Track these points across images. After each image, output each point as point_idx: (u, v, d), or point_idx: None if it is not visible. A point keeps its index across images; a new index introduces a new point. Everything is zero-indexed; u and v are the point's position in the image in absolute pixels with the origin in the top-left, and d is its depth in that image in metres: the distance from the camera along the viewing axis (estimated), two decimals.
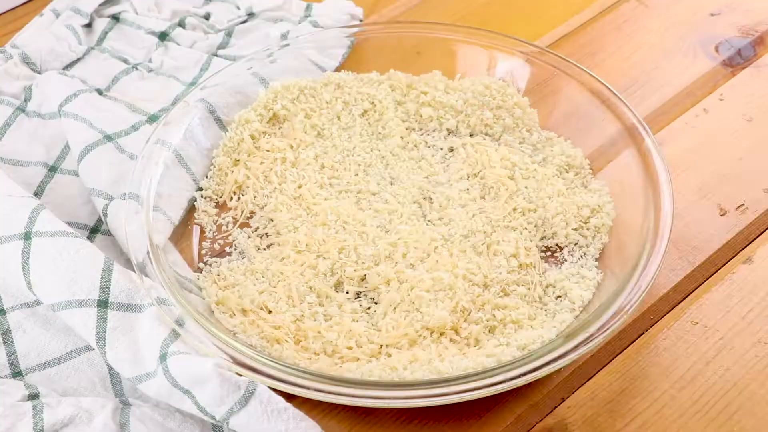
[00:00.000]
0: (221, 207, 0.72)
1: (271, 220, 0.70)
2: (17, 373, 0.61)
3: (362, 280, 0.66)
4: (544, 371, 0.57)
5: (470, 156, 0.73)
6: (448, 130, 0.77)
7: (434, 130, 0.77)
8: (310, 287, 0.65)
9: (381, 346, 0.61)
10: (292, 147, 0.74)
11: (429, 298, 0.63)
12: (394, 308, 0.63)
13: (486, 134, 0.76)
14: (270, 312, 0.63)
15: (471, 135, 0.76)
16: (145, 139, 0.72)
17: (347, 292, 0.65)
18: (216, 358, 0.58)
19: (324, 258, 0.66)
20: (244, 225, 0.70)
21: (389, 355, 0.61)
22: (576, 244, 0.68)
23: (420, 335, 0.62)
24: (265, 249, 0.68)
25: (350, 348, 0.61)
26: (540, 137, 0.75)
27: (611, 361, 0.62)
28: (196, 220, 0.71)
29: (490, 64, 0.79)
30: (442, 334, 0.62)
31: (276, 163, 0.73)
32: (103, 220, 0.69)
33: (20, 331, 0.63)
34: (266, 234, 0.70)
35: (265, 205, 0.71)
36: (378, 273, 0.65)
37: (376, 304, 0.65)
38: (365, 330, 0.62)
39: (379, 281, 0.65)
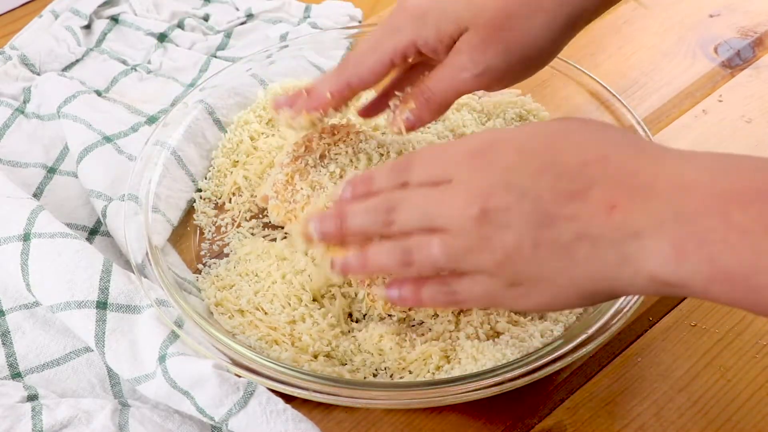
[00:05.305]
0: (220, 208, 0.72)
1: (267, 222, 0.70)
2: (16, 375, 0.61)
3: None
4: (543, 372, 0.57)
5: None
6: (452, 130, 0.76)
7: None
8: (303, 290, 0.64)
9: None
10: None
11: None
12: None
13: None
14: (266, 313, 0.63)
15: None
16: (144, 141, 0.72)
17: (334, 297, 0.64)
18: (215, 359, 0.58)
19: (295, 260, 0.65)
20: (241, 226, 0.70)
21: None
22: None
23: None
24: (253, 237, 0.68)
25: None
26: None
27: (610, 362, 0.61)
28: (195, 221, 0.71)
29: None
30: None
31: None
32: (102, 221, 0.69)
33: (19, 333, 0.63)
34: (252, 234, 0.69)
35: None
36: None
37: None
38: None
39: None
